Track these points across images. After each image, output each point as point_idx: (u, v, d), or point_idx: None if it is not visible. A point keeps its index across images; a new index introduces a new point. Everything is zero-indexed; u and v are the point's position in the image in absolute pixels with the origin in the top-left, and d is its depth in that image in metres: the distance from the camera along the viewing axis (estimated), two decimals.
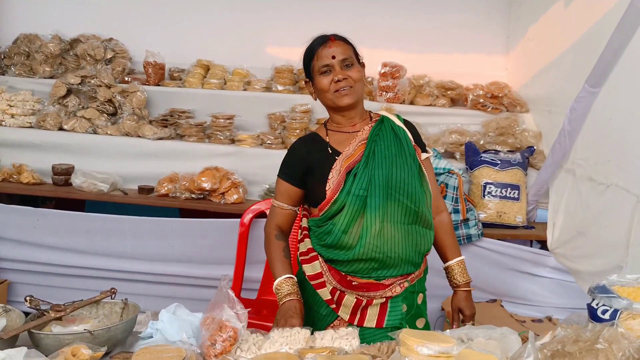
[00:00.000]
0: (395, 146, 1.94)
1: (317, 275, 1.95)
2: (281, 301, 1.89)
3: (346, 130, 1.97)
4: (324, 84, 1.89)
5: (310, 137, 2.04)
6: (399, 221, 1.88)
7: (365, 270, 1.89)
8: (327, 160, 1.93)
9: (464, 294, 2.05)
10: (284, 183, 2.01)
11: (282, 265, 1.95)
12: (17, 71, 3.93)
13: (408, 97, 3.79)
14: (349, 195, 1.86)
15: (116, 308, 1.94)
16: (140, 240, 3.35)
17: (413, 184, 1.90)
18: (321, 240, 1.94)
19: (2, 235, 3.36)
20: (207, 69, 4.01)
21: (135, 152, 3.61)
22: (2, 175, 3.44)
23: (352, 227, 1.86)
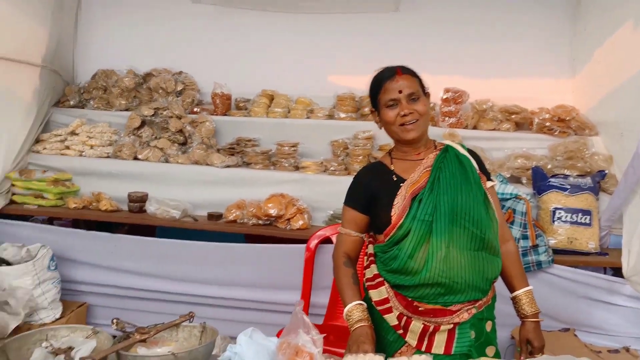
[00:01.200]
0: (460, 173, 1.95)
1: (383, 300, 1.96)
2: (352, 327, 1.91)
3: (411, 158, 2.00)
4: (390, 117, 1.94)
5: (375, 166, 2.09)
6: (465, 247, 1.88)
7: (431, 296, 1.89)
8: (391, 187, 1.96)
9: (532, 324, 2.02)
10: (350, 210, 2.06)
11: (352, 292, 1.98)
12: (96, 105, 4.17)
13: (471, 121, 3.78)
14: (415, 220, 1.88)
15: (195, 331, 2.02)
16: (209, 265, 3.45)
17: (478, 211, 1.91)
18: (387, 265, 1.96)
19: (82, 259, 3.54)
20: (271, 98, 4.13)
21: (204, 179, 3.74)
22: (83, 202, 3.64)
23: (418, 252, 1.88)
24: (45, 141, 3.95)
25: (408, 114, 1.91)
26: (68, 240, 3.56)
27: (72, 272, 3.54)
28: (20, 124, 3.77)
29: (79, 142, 3.92)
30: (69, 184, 3.78)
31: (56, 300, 3.34)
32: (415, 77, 1.98)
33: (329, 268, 3.18)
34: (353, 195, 2.06)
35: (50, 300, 3.28)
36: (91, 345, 1.79)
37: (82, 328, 1.96)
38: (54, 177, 3.70)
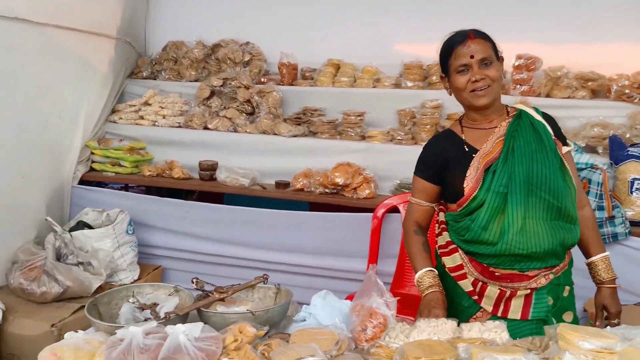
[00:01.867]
0: (535, 141, 1.89)
1: (457, 267, 1.96)
2: (424, 293, 1.93)
3: (482, 126, 1.95)
4: (460, 82, 1.88)
5: (445, 134, 2.04)
6: (541, 217, 1.84)
7: (507, 262, 1.87)
8: (463, 158, 1.92)
9: (608, 290, 1.98)
10: (420, 180, 2.04)
11: (423, 259, 1.99)
12: (167, 76, 4.29)
13: (544, 89, 3.65)
14: (489, 192, 1.85)
15: (269, 293, 2.09)
16: (277, 232, 3.53)
17: (555, 179, 1.85)
18: (460, 235, 1.95)
19: (157, 224, 3.70)
20: (337, 67, 4.13)
21: (271, 149, 3.81)
22: (157, 170, 3.78)
23: (492, 224, 1.85)
24: (121, 111, 4.11)
25: (479, 79, 1.85)
26: (144, 206, 3.73)
27: (148, 236, 3.71)
28: (98, 94, 3.93)
29: (152, 112, 4.06)
30: (144, 153, 3.94)
31: (134, 262, 3.51)
32: (489, 41, 1.91)
33: (395, 237, 3.23)
34: (423, 165, 2.04)
35: (129, 263, 3.46)
36: (174, 302, 1.89)
37: (165, 286, 2.06)
38: (130, 146, 3.86)
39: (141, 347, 1.52)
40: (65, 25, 3.49)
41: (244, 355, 1.59)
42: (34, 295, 3.01)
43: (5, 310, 2.92)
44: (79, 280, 3.10)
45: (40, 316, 2.92)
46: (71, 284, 3.05)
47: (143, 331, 1.57)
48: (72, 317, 2.94)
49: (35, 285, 3.01)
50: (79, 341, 1.65)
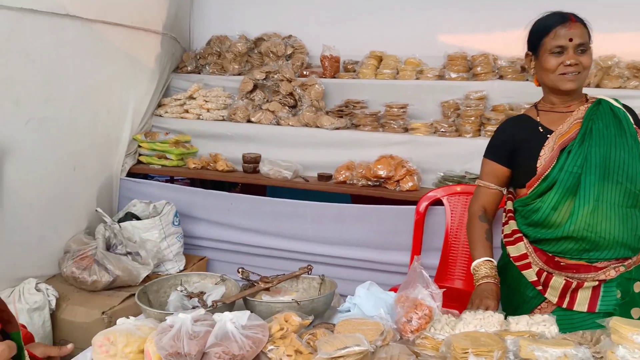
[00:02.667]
0: (614, 126, 1.86)
1: (522, 256, 1.94)
2: (477, 282, 1.93)
3: (559, 110, 1.94)
4: (551, 64, 1.86)
5: (519, 118, 2.04)
6: (616, 203, 1.80)
7: (574, 251, 1.83)
8: (537, 139, 1.91)
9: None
10: (490, 163, 2.04)
11: (483, 247, 1.98)
12: (211, 70, 4.36)
13: (594, 79, 3.55)
14: (562, 171, 1.83)
15: (314, 283, 2.10)
16: (320, 224, 3.54)
17: (634, 165, 1.81)
18: (528, 218, 1.93)
19: (202, 216, 3.77)
20: (380, 59, 4.10)
21: (314, 141, 3.82)
22: (201, 163, 3.85)
23: (562, 205, 1.83)
24: (167, 105, 4.20)
25: (573, 64, 1.84)
26: (189, 198, 3.80)
27: (193, 227, 3.79)
28: (145, 89, 4.02)
29: (197, 106, 4.13)
30: (189, 146, 4.01)
31: (180, 253, 3.59)
32: (586, 27, 1.90)
33: (438, 230, 3.20)
34: (494, 147, 2.03)
35: (175, 253, 3.54)
36: (221, 291, 1.93)
37: (211, 275, 2.10)
38: (175, 139, 3.94)
39: (190, 333, 1.55)
40: (113, 21, 3.58)
41: (289, 344, 1.61)
42: (85, 283, 3.11)
43: (58, 297, 3.04)
44: (127, 270, 3.18)
45: (91, 304, 3.02)
46: (120, 273, 3.15)
47: (192, 318, 1.60)
48: (121, 305, 3.03)
49: (86, 274, 3.11)
50: (131, 327, 1.69)
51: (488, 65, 3.76)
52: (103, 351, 1.63)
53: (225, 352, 1.51)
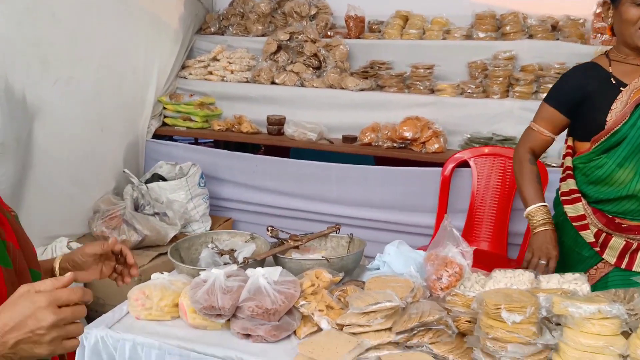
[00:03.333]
0: None
1: (580, 217, 1.89)
2: (535, 230, 1.87)
3: (634, 62, 1.83)
4: (633, 15, 1.73)
5: (589, 66, 1.92)
6: None
7: (636, 212, 1.79)
8: (609, 90, 1.82)
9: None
10: (550, 109, 1.94)
11: (535, 192, 1.91)
12: (234, 31, 4.32)
13: None
14: (633, 127, 1.75)
15: (342, 242, 2.12)
16: (345, 186, 3.54)
17: None
18: (590, 176, 1.86)
19: (227, 178, 3.80)
20: (405, 19, 4.02)
21: (338, 103, 3.79)
22: (226, 125, 3.85)
23: (629, 162, 1.77)
24: (191, 67, 4.19)
25: None
26: (214, 159, 3.82)
27: (218, 189, 3.82)
28: (169, 51, 4.01)
29: (220, 68, 4.11)
30: (213, 107, 4.01)
31: (206, 214, 3.64)
32: None
33: (464, 192, 3.19)
34: (559, 94, 1.93)
35: (201, 214, 3.59)
36: (251, 248, 1.95)
37: (241, 234, 2.13)
38: (200, 101, 3.94)
39: (224, 288, 1.58)
40: None
41: (320, 299, 1.64)
42: None
43: None
44: (155, 230, 3.24)
45: None
46: (149, 233, 3.20)
47: (225, 273, 1.63)
48: (151, 263, 3.09)
49: (115, 234, 3.17)
50: (165, 282, 1.73)
51: (517, 24, 3.66)
52: (139, 304, 1.67)
53: (258, 306, 1.54)
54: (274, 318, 1.55)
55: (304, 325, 1.60)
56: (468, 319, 1.52)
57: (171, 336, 1.60)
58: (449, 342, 1.49)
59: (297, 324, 1.60)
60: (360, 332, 1.53)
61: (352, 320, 1.54)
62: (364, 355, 1.49)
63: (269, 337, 1.55)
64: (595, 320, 1.32)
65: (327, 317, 1.59)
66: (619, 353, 1.30)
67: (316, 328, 1.60)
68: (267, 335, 1.54)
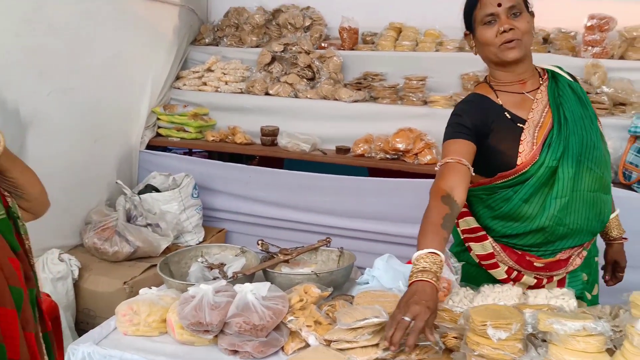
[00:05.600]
0: (579, 106, 1.75)
1: (488, 255, 1.82)
2: (411, 279, 1.46)
3: (517, 90, 1.77)
4: (487, 36, 1.70)
5: (477, 99, 1.80)
6: (586, 190, 1.71)
7: (541, 244, 1.75)
8: (509, 128, 1.73)
9: (619, 246, 2.00)
10: (458, 141, 1.71)
11: (434, 236, 1.53)
12: (229, 42, 4.33)
13: (618, 51, 3.47)
14: (542, 167, 1.69)
15: (332, 255, 2.12)
16: (338, 197, 3.55)
17: (600, 149, 1.73)
18: (495, 209, 1.77)
19: (220, 189, 3.80)
20: (399, 31, 4.04)
21: (332, 114, 3.80)
22: (220, 135, 3.86)
23: (536, 197, 1.71)
24: (185, 77, 4.20)
25: (508, 30, 1.66)
26: (208, 170, 3.82)
27: (212, 200, 3.82)
28: (164, 61, 4.02)
29: (215, 79, 4.12)
30: (207, 118, 4.02)
31: (199, 225, 3.64)
32: None
33: None
34: (462, 127, 1.73)
35: (194, 225, 3.58)
36: (241, 262, 1.95)
37: (232, 247, 2.13)
38: (194, 112, 3.94)
39: (212, 303, 1.58)
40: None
41: (309, 315, 1.64)
42: (107, 254, 3.17)
43: (81, 267, 3.10)
44: (148, 241, 3.23)
45: (113, 274, 3.08)
46: (141, 244, 3.20)
47: (213, 289, 1.63)
48: (142, 275, 3.08)
49: (107, 245, 3.16)
50: (153, 297, 1.73)
51: None
52: (127, 320, 1.67)
53: (246, 322, 1.55)
54: (262, 334, 1.55)
55: (292, 341, 1.60)
56: (455, 335, 1.53)
57: (159, 352, 1.60)
58: (436, 358, 1.49)
59: (284, 340, 1.60)
60: (347, 348, 1.53)
61: (340, 336, 1.54)
62: None
63: (257, 353, 1.55)
64: (580, 337, 1.32)
65: (315, 333, 1.59)
66: None
67: (304, 344, 1.60)
68: (254, 352, 1.54)
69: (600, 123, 1.82)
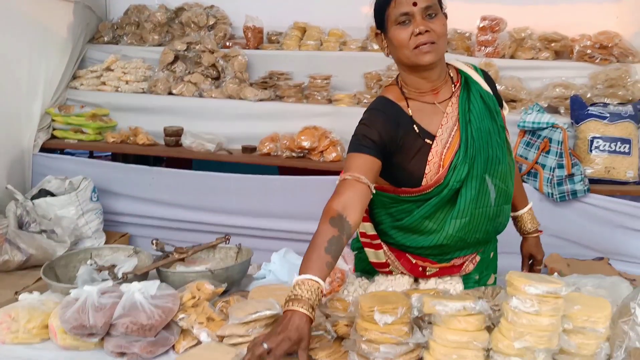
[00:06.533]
0: (488, 118, 1.71)
1: (382, 264, 1.82)
2: (284, 307, 1.40)
3: (429, 100, 1.70)
4: (401, 37, 1.60)
5: (388, 107, 1.69)
6: (488, 204, 1.69)
7: (438, 255, 1.76)
8: (417, 145, 1.67)
9: (534, 239, 2.01)
10: (362, 156, 1.61)
11: (314, 261, 1.46)
12: (129, 40, 4.19)
13: (508, 51, 3.67)
14: (445, 188, 1.66)
15: (231, 253, 2.09)
16: (245, 197, 3.52)
17: (505, 162, 1.72)
18: (396, 219, 1.75)
19: (122, 192, 3.66)
20: (303, 31, 4.07)
21: (237, 113, 3.77)
22: (121, 137, 3.72)
23: (438, 214, 1.69)
24: (82, 77, 4.01)
25: (424, 31, 1.57)
26: (108, 173, 3.68)
27: (114, 204, 3.67)
28: (58, 60, 3.82)
29: (115, 78, 3.97)
30: (107, 119, 3.86)
31: (99, 230, 3.48)
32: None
33: None
34: (368, 141, 1.63)
35: (94, 230, 3.43)
36: (133, 263, 1.88)
37: (124, 248, 2.05)
38: (92, 112, 3.78)
39: (96, 305, 1.51)
40: None
41: (201, 312, 1.60)
42: None
43: None
44: (42, 248, 3.05)
45: (3, 284, 2.87)
46: (34, 252, 3.01)
47: (98, 290, 1.56)
48: (36, 284, 2.89)
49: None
50: (34, 302, 1.63)
51: None
52: (4, 328, 1.57)
53: (133, 322, 1.49)
54: (150, 334, 1.49)
55: (183, 339, 1.56)
56: (346, 322, 1.54)
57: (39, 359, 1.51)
58: (327, 346, 1.50)
59: (175, 338, 1.55)
60: (240, 343, 1.50)
61: (232, 331, 1.51)
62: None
63: (145, 353, 1.49)
64: (460, 316, 1.37)
65: (207, 330, 1.55)
66: (482, 347, 1.36)
67: (196, 341, 1.56)
68: (142, 352, 1.49)
69: (507, 133, 1.80)
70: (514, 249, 2.06)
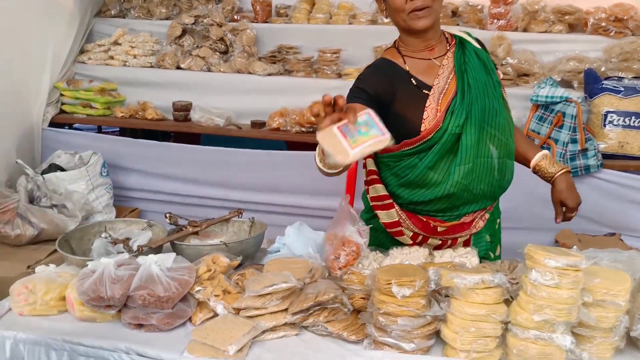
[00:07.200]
0: (483, 73, 1.77)
1: (394, 223, 1.84)
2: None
3: (425, 56, 1.78)
4: (397, 2, 1.68)
5: (385, 64, 1.80)
6: (489, 155, 1.73)
7: (451, 209, 1.78)
8: (414, 95, 1.74)
9: (563, 183, 1.83)
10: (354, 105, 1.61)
11: None
12: (136, 14, 4.13)
13: (521, 24, 3.61)
14: (445, 133, 1.70)
15: (244, 226, 2.09)
16: (254, 172, 3.51)
17: (503, 115, 1.76)
18: (401, 176, 1.79)
19: (132, 167, 3.65)
20: (312, 4, 4.01)
21: (246, 88, 3.73)
22: (129, 112, 3.70)
23: (441, 163, 1.73)
24: (90, 51, 3.98)
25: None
26: (118, 148, 3.67)
27: (123, 178, 3.67)
28: (65, 34, 3.78)
29: (122, 52, 3.93)
30: (115, 94, 3.84)
31: (109, 205, 3.48)
32: None
33: None
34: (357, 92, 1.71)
35: (104, 205, 3.43)
36: (147, 236, 1.88)
37: (138, 221, 2.06)
38: (100, 87, 3.75)
39: (113, 277, 1.52)
40: None
41: (217, 284, 1.60)
42: (8, 238, 2.98)
43: None
44: (53, 223, 3.06)
45: (15, 258, 2.90)
46: (46, 226, 3.03)
47: (115, 262, 1.57)
48: (48, 258, 2.91)
49: (9, 228, 2.97)
50: (51, 274, 1.64)
51: None
52: (22, 299, 1.58)
53: (150, 294, 1.49)
54: (167, 306, 1.50)
55: (200, 312, 1.57)
56: (363, 295, 1.54)
57: (57, 331, 1.52)
58: (344, 319, 1.51)
59: (192, 311, 1.56)
60: (256, 315, 1.51)
61: (249, 303, 1.52)
62: (260, 338, 1.48)
63: (162, 325, 1.50)
64: (479, 290, 1.37)
65: (223, 302, 1.56)
66: (500, 320, 1.36)
67: (212, 314, 1.57)
68: (160, 324, 1.50)
69: (504, 90, 1.84)
70: (519, 224, 2.04)
